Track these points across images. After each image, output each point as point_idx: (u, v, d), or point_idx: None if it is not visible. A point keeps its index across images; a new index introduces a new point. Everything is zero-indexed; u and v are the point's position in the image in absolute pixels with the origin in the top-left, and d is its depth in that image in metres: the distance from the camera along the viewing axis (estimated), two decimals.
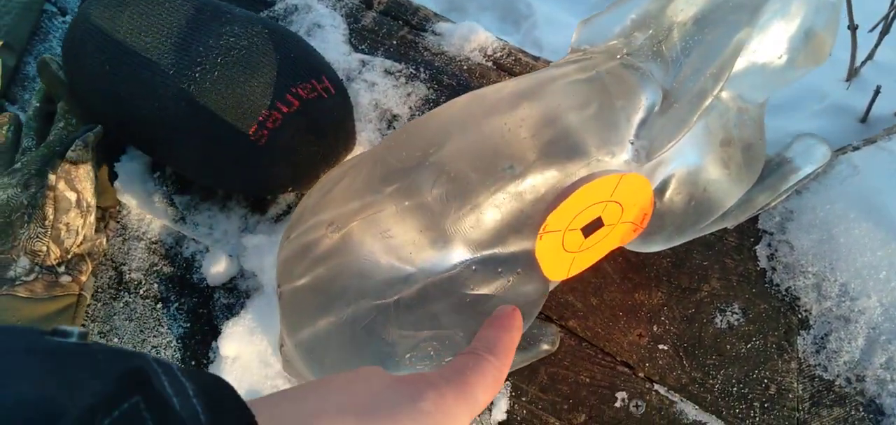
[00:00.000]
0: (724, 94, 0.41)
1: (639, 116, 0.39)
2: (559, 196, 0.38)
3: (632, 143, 0.38)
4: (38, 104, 0.57)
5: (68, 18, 0.68)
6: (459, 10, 1.70)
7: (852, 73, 1.21)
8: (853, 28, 1.17)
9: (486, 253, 0.39)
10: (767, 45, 0.38)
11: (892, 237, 0.45)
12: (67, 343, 0.17)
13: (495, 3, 1.79)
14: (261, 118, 0.46)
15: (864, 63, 1.18)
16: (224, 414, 0.17)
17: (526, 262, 0.40)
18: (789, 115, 1.27)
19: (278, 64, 0.47)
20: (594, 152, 0.38)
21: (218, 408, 0.17)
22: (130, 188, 0.55)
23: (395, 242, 0.38)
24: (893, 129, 0.50)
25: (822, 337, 0.45)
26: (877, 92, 0.65)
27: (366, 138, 0.54)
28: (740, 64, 0.39)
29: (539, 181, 0.38)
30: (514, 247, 0.39)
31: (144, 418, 0.15)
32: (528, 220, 0.39)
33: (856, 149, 0.49)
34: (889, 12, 1.02)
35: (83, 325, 0.53)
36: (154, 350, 0.51)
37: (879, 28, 0.97)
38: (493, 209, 0.38)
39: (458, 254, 0.38)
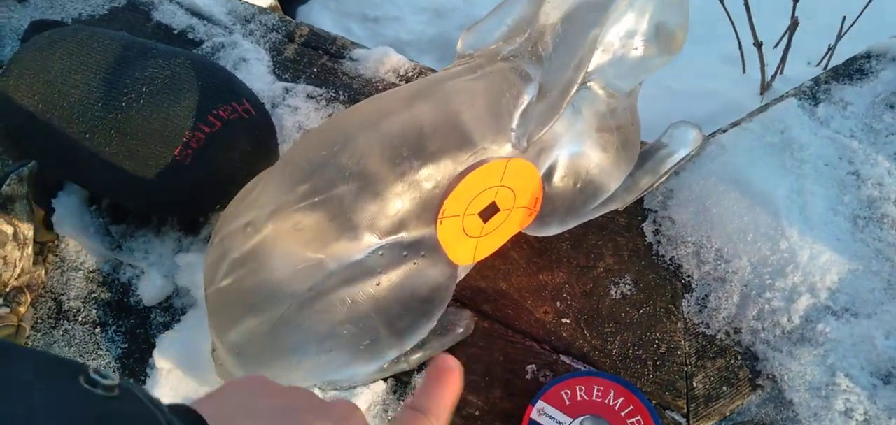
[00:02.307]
0: (594, 85, 0.46)
1: (520, 108, 0.44)
2: (452, 182, 0.43)
3: (513, 131, 0.44)
4: None
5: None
6: (400, 53, 1.77)
7: (765, 87, 1.31)
8: (758, 45, 1.27)
9: (391, 238, 0.43)
10: (623, 38, 0.44)
11: (756, 203, 0.51)
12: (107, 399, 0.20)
13: (433, 45, 1.87)
14: (185, 139, 0.50)
15: (774, 77, 1.29)
16: None
17: (430, 247, 0.44)
18: (708, 129, 1.36)
19: (200, 90, 0.51)
20: (481, 141, 0.43)
21: None
22: (68, 221, 0.58)
23: (307, 236, 0.42)
24: (754, 113, 0.57)
25: (703, 298, 0.50)
26: (783, 97, 0.72)
27: (284, 153, 0.58)
28: (602, 57, 0.45)
29: (434, 170, 0.43)
30: (417, 232, 0.44)
31: None
32: (428, 206, 0.43)
33: (723, 131, 0.56)
34: (789, 27, 1.12)
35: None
36: None
37: (783, 44, 1.06)
38: (395, 198, 0.42)
39: (366, 242, 0.42)
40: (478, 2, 1.92)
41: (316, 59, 0.66)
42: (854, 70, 0.59)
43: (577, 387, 0.46)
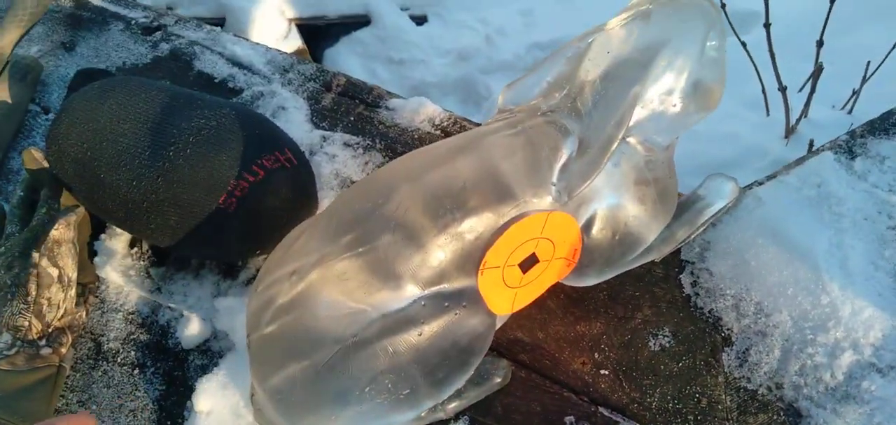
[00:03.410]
0: (632, 140, 0.47)
1: (559, 163, 0.45)
2: (494, 234, 0.44)
3: (554, 186, 0.44)
4: (21, 193, 0.61)
5: (51, 116, 0.73)
6: (424, 96, 1.80)
7: (789, 130, 1.32)
8: (783, 89, 1.28)
9: (433, 290, 0.43)
10: (662, 95, 0.45)
11: (795, 257, 0.51)
12: None
13: (456, 88, 1.90)
14: (230, 187, 0.51)
15: (798, 121, 1.29)
16: None
17: (470, 297, 0.45)
18: (735, 172, 1.35)
19: (244, 140, 0.53)
20: (522, 195, 0.44)
21: None
22: (109, 263, 0.59)
23: (351, 285, 0.43)
24: (791, 166, 0.57)
25: (743, 352, 0.50)
26: (811, 145, 0.72)
27: (328, 204, 0.59)
28: (642, 113, 0.45)
29: (476, 222, 0.43)
30: (458, 283, 0.44)
31: None
32: (470, 258, 0.44)
33: (760, 184, 0.56)
34: (813, 72, 1.13)
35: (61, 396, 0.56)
36: (131, 413, 0.54)
37: (808, 87, 1.07)
38: (438, 249, 0.43)
39: (409, 292, 0.43)
40: (501, 45, 1.96)
41: (353, 108, 0.67)
42: (890, 124, 0.60)
43: None
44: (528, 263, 0.46)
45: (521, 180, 0.44)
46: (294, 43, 1.69)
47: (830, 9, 1.11)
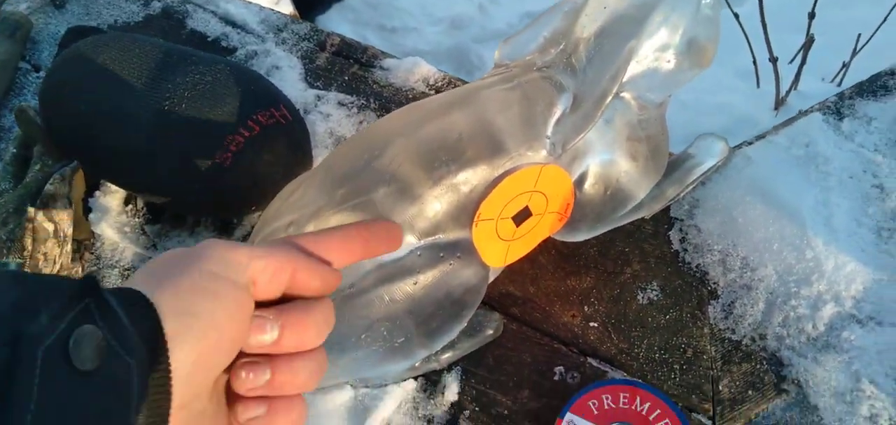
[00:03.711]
0: (626, 96, 0.48)
1: (554, 117, 0.46)
2: (489, 186, 0.44)
3: (548, 138, 0.45)
4: (14, 150, 0.61)
5: (42, 74, 0.73)
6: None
7: (780, 102, 1.33)
8: (774, 60, 1.29)
9: (429, 240, 0.44)
10: (656, 51, 0.46)
11: (782, 214, 0.52)
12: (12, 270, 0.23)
13: (449, 56, 1.89)
14: (225, 142, 0.51)
15: (788, 93, 1.30)
16: (136, 306, 0.23)
17: (465, 249, 0.46)
18: None
19: (240, 96, 0.53)
20: (516, 148, 0.44)
21: (131, 304, 0.23)
22: (104, 220, 0.60)
23: None
24: (780, 126, 0.58)
25: (729, 305, 0.51)
26: (808, 112, 0.73)
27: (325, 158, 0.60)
28: (636, 69, 0.46)
29: (471, 175, 0.44)
30: (453, 234, 0.45)
31: (94, 313, 0.21)
32: (465, 210, 0.45)
33: (749, 144, 0.57)
34: (804, 44, 1.14)
35: None
36: None
37: (798, 59, 1.08)
38: (433, 200, 0.44)
39: (405, 242, 0.43)
40: (494, 14, 1.95)
41: (347, 68, 0.67)
42: (878, 86, 0.61)
43: (604, 396, 0.47)
44: (522, 216, 0.47)
45: (515, 133, 0.45)
46: (286, 8, 1.67)
47: None
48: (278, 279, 0.29)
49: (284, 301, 0.30)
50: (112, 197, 0.61)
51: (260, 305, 0.28)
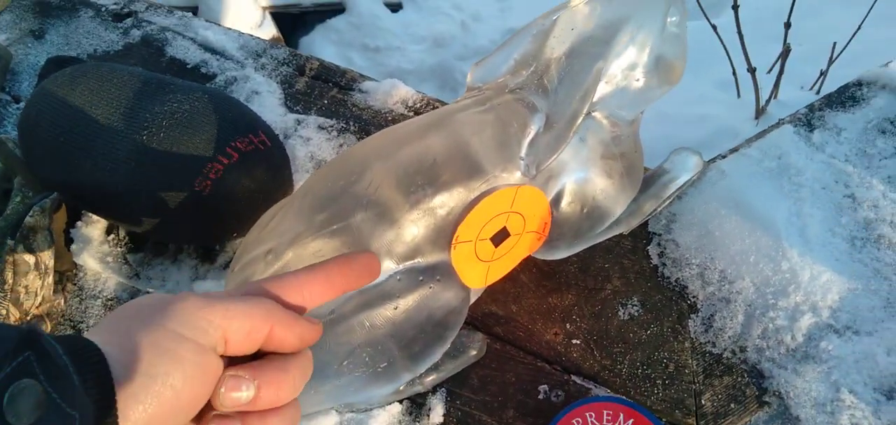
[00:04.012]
0: (598, 115, 0.48)
1: (528, 138, 0.46)
2: (465, 209, 0.45)
3: (522, 160, 0.45)
4: None
5: (22, 105, 0.73)
6: (400, 80, 1.80)
7: (759, 111, 1.34)
8: (752, 70, 1.30)
9: (408, 264, 0.44)
10: (625, 70, 0.46)
11: (757, 226, 0.53)
12: None
13: (433, 74, 1.90)
14: (204, 170, 0.51)
15: (768, 102, 1.32)
16: (85, 358, 0.23)
17: (444, 271, 0.46)
18: (706, 153, 1.37)
19: (218, 123, 0.53)
20: (491, 170, 0.45)
21: (80, 356, 0.23)
22: (86, 250, 0.59)
23: None
24: (752, 139, 0.59)
25: (708, 318, 0.51)
26: (779, 124, 0.74)
27: (302, 183, 0.60)
28: (606, 88, 0.47)
29: (447, 198, 0.44)
30: (432, 257, 0.45)
31: (34, 366, 0.21)
32: (443, 233, 0.45)
33: (723, 157, 0.58)
34: (781, 54, 1.15)
35: None
36: None
37: (776, 69, 1.09)
38: (411, 224, 0.44)
39: (384, 267, 0.44)
40: (477, 31, 1.96)
41: (326, 92, 0.68)
42: (846, 97, 0.62)
43: (588, 414, 0.47)
44: (500, 237, 0.47)
45: (490, 155, 0.45)
46: (269, 31, 1.68)
47: None
48: (253, 338, 0.28)
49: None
50: (94, 227, 0.61)
51: (234, 359, 0.28)
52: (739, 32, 1.18)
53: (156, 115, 0.53)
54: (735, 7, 1.15)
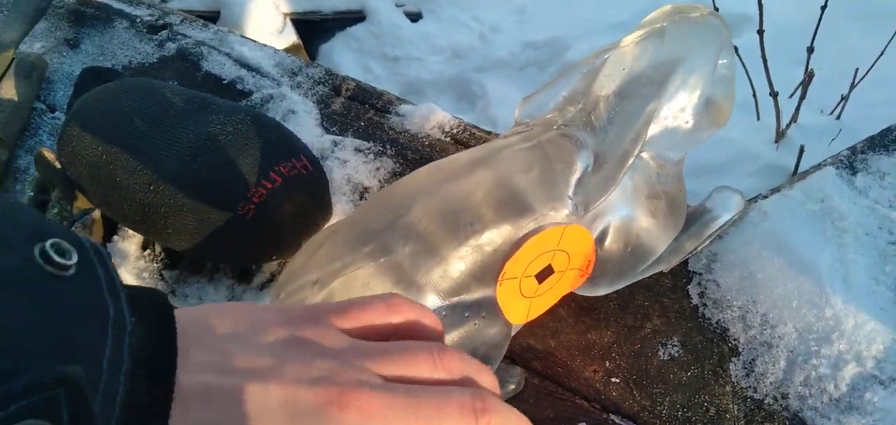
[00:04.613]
0: (645, 155, 0.48)
1: (575, 176, 0.46)
2: (513, 246, 0.45)
3: (571, 199, 0.45)
4: (32, 193, 0.61)
5: (57, 114, 0.73)
6: (418, 93, 1.80)
7: (780, 135, 1.34)
8: (774, 94, 1.30)
9: (454, 300, 0.44)
10: (675, 112, 0.46)
11: (800, 270, 0.52)
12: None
13: (451, 86, 1.90)
14: (248, 194, 0.51)
15: (788, 126, 1.31)
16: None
17: (489, 307, 0.46)
18: (726, 177, 1.37)
19: (261, 146, 0.53)
20: (540, 208, 0.45)
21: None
22: (122, 266, 0.59)
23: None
24: (794, 179, 0.59)
25: (750, 362, 0.51)
26: (801, 151, 0.74)
27: (340, 209, 0.60)
28: (655, 129, 0.46)
29: (495, 235, 0.44)
30: (477, 293, 0.45)
31: (59, 405, 0.16)
32: (489, 270, 0.45)
33: (765, 197, 0.57)
34: (804, 79, 1.15)
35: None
36: None
37: (798, 93, 1.09)
38: (458, 261, 0.44)
39: (430, 302, 0.44)
40: (495, 42, 1.96)
41: (363, 113, 0.68)
42: (889, 140, 0.61)
43: None
44: (544, 274, 0.47)
45: (538, 194, 0.45)
46: (289, 38, 1.68)
47: (822, 15, 1.13)
48: None
49: None
50: (130, 241, 0.61)
51: None
52: (763, 57, 1.17)
53: (199, 137, 0.53)
54: (760, 32, 1.15)
